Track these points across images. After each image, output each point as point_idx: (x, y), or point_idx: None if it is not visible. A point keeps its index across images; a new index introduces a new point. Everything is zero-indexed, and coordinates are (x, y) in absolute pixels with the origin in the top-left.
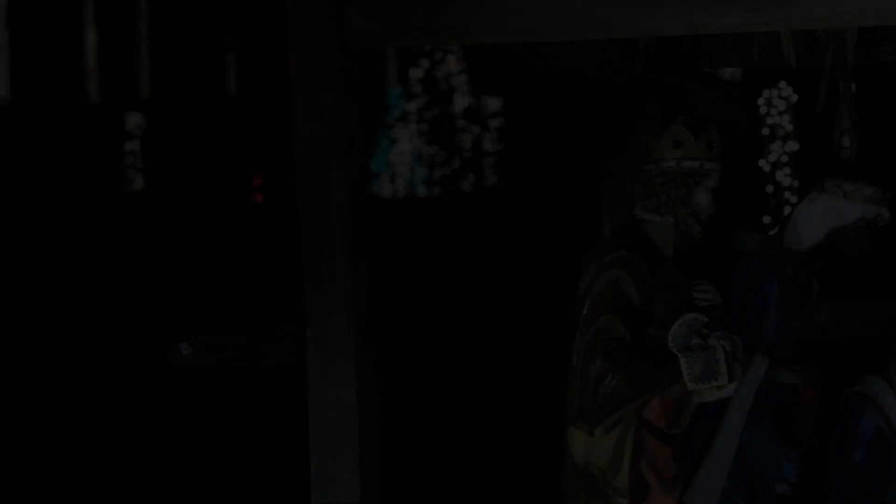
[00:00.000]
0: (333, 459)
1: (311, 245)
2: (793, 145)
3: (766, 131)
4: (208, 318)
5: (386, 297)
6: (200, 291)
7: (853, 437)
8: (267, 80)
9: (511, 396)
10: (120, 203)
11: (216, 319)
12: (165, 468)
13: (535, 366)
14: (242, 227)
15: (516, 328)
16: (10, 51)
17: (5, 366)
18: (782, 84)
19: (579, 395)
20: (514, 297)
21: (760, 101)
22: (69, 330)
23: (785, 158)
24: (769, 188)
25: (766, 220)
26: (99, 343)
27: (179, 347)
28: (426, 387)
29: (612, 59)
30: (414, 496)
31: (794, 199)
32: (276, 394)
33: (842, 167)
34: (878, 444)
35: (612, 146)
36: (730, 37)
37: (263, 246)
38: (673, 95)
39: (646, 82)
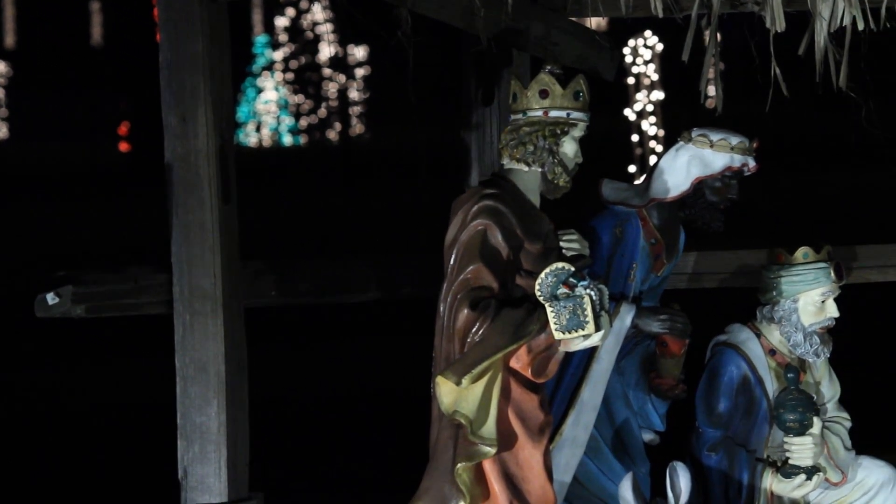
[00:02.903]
0: (201, 410)
1: (178, 194)
2: (658, 95)
3: (631, 80)
4: (75, 267)
5: (252, 247)
6: (67, 241)
7: (720, 385)
8: (133, 29)
9: (378, 346)
10: None
11: (83, 269)
12: (34, 419)
13: (403, 315)
14: (108, 176)
15: (383, 277)
16: None
17: None
18: (648, 33)
19: (446, 345)
20: (381, 247)
21: (626, 50)
22: None
23: (650, 108)
24: (635, 137)
25: (632, 169)
26: None
27: (45, 297)
28: (293, 336)
29: (479, 8)
30: (284, 447)
31: (659, 149)
32: (144, 344)
33: (708, 117)
34: (744, 392)
35: (479, 96)
36: None
37: (130, 195)
38: (540, 45)
39: (513, 32)
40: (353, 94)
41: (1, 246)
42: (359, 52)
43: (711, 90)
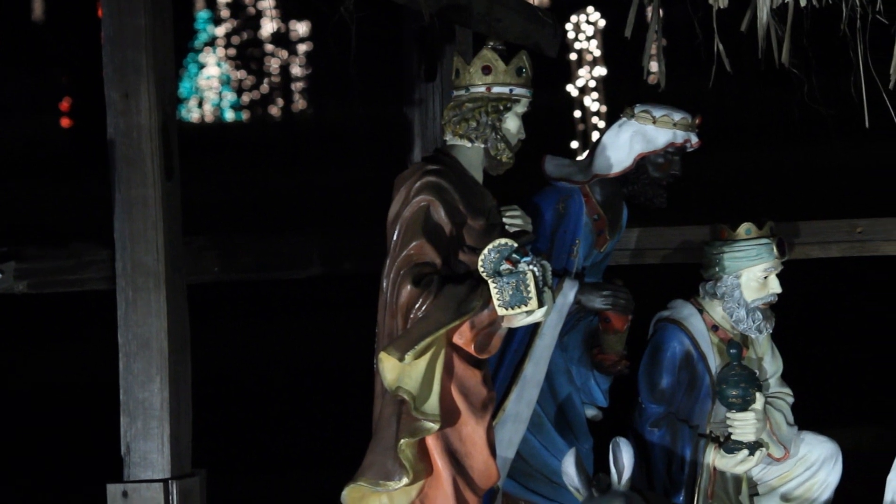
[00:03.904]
0: (143, 386)
1: (121, 169)
2: (601, 71)
3: (574, 56)
4: (17, 243)
5: (195, 222)
6: (9, 217)
7: (662, 361)
8: (74, 4)
9: (320, 321)
10: None
11: (25, 245)
12: None
13: (345, 291)
14: (50, 152)
15: (326, 253)
16: None
17: None
18: (590, 9)
19: (390, 321)
20: (324, 222)
21: (568, 26)
22: None
23: (593, 84)
24: (577, 113)
25: (575, 145)
26: None
27: None
28: (236, 311)
29: None
30: (227, 423)
31: (602, 125)
32: (86, 320)
33: (650, 93)
34: (686, 368)
35: (422, 72)
36: None
37: (72, 171)
38: (483, 21)
39: (456, 8)
40: (296, 70)
41: None
42: (301, 28)
43: (654, 66)
